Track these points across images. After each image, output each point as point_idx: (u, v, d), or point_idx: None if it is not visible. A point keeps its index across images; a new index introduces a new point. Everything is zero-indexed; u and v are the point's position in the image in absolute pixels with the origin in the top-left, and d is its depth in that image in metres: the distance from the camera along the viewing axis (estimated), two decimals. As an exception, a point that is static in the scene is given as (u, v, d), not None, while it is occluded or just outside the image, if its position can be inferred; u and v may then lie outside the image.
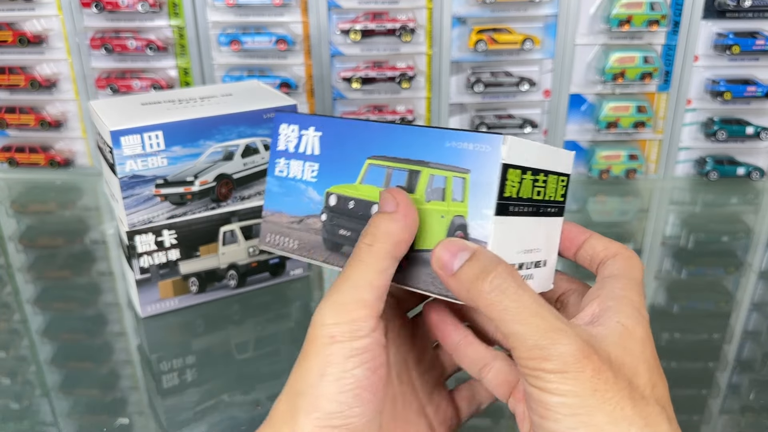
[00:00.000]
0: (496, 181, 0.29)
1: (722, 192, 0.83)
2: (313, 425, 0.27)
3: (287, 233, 0.37)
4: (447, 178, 0.31)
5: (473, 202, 0.30)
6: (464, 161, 0.30)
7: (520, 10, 0.80)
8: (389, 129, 0.34)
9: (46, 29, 0.83)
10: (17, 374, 0.51)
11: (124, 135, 0.50)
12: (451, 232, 0.30)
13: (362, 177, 0.34)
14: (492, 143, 0.29)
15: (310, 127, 0.37)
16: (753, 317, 0.58)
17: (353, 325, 0.28)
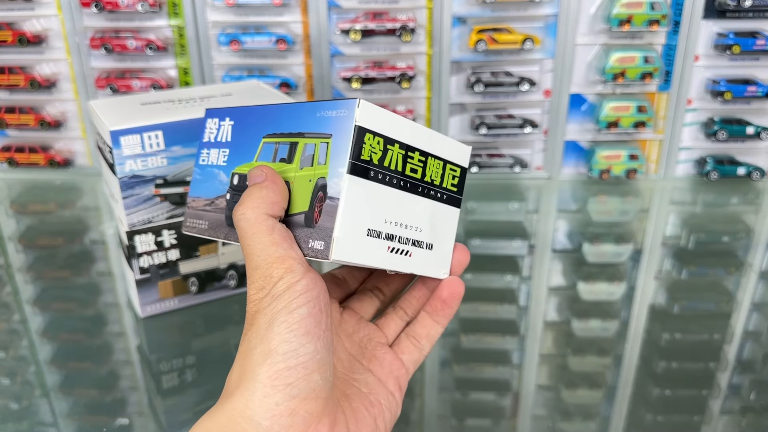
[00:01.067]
0: (349, 141, 0.31)
1: (723, 192, 0.83)
2: (269, 371, 0.28)
3: (201, 215, 0.40)
4: (315, 144, 0.33)
5: (333, 164, 0.32)
6: (329, 128, 0.33)
7: (520, 10, 0.80)
8: (279, 108, 0.37)
9: (46, 29, 0.83)
10: (17, 374, 0.51)
11: (124, 135, 0.50)
12: (315, 193, 0.32)
13: (257, 155, 0.37)
14: (349, 107, 0.32)
15: (226, 118, 0.40)
16: (753, 317, 0.58)
17: (286, 277, 0.30)
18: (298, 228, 0.33)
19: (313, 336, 0.29)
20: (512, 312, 0.60)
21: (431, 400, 0.50)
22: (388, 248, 0.33)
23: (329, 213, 0.31)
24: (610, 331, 0.57)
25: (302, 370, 0.28)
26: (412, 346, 0.38)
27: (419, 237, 0.35)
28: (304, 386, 0.28)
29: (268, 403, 0.28)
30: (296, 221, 0.33)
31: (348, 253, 0.31)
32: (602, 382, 0.50)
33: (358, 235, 0.32)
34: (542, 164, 0.87)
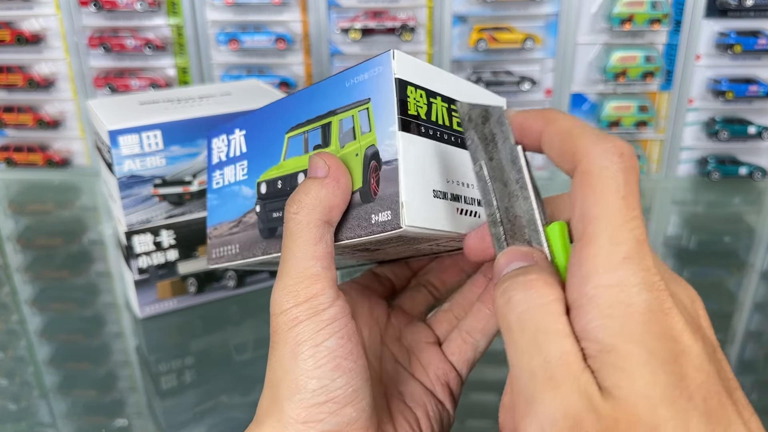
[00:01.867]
0: (393, 96, 0.28)
1: (724, 192, 0.83)
2: (298, 408, 0.26)
3: (228, 241, 0.36)
4: (353, 116, 0.30)
5: (379, 127, 0.28)
6: (364, 92, 0.29)
7: (521, 9, 0.80)
8: (297, 97, 0.33)
9: (44, 28, 0.83)
10: (15, 375, 0.51)
11: (122, 134, 0.49)
12: (367, 165, 0.29)
13: (284, 153, 0.33)
14: (383, 62, 0.28)
15: (235, 130, 0.36)
16: (755, 318, 0.58)
17: (313, 301, 0.27)
18: (354, 208, 0.29)
19: (343, 369, 0.27)
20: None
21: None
22: (457, 210, 0.29)
23: (389, 178, 0.28)
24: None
25: (333, 405, 0.27)
26: (465, 344, 0.34)
27: (477, 195, 0.31)
28: (336, 421, 0.27)
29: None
30: (351, 202, 0.29)
31: (419, 218, 0.28)
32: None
33: (426, 198, 0.28)
34: (543, 164, 0.87)
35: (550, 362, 0.21)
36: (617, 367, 0.20)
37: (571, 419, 0.20)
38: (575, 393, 0.20)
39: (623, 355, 0.20)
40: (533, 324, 0.21)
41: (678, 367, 0.20)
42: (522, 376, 0.21)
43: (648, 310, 0.21)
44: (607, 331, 0.21)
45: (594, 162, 0.23)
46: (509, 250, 0.25)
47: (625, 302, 0.21)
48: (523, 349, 0.21)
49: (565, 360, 0.21)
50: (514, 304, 0.22)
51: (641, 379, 0.20)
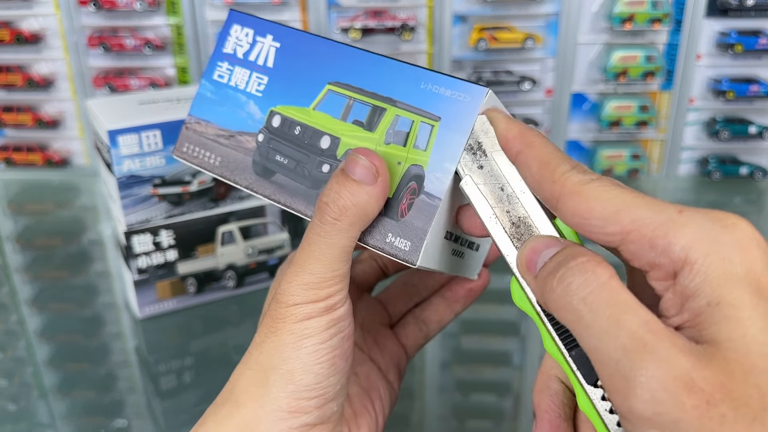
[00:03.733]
0: (467, 133, 0.26)
1: (725, 192, 0.83)
2: (289, 399, 0.27)
3: (211, 147, 0.32)
4: (414, 122, 0.28)
5: (437, 153, 0.27)
6: (437, 108, 0.27)
7: (521, 9, 0.79)
8: (360, 55, 0.30)
9: (43, 28, 0.83)
10: (14, 375, 0.51)
11: (122, 134, 0.49)
12: (405, 182, 0.27)
13: (317, 102, 0.30)
14: (473, 93, 0.27)
15: (268, 35, 0.32)
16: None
17: (329, 300, 0.27)
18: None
19: (337, 368, 0.28)
20: (513, 313, 0.59)
21: (431, 402, 0.49)
22: (452, 251, 0.29)
23: (422, 211, 0.27)
24: (612, 332, 0.56)
25: (321, 400, 0.28)
26: (419, 331, 0.36)
27: (472, 238, 0.31)
28: (319, 414, 0.28)
29: (281, 426, 0.27)
30: None
31: (430, 259, 0.27)
32: (605, 384, 0.50)
33: (439, 239, 0.28)
34: (543, 164, 0.87)
35: (637, 332, 0.20)
36: (727, 318, 0.20)
37: (681, 380, 0.19)
38: (677, 353, 0.19)
39: (732, 304, 0.20)
40: (603, 303, 0.21)
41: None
42: (610, 356, 0.20)
43: (749, 266, 0.20)
44: (712, 285, 0.20)
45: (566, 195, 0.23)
46: (533, 240, 0.24)
47: (716, 251, 0.20)
48: (602, 330, 0.20)
49: (651, 327, 0.20)
50: (575, 289, 0.21)
51: (754, 326, 0.19)
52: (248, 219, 0.57)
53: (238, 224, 0.57)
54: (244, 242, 0.57)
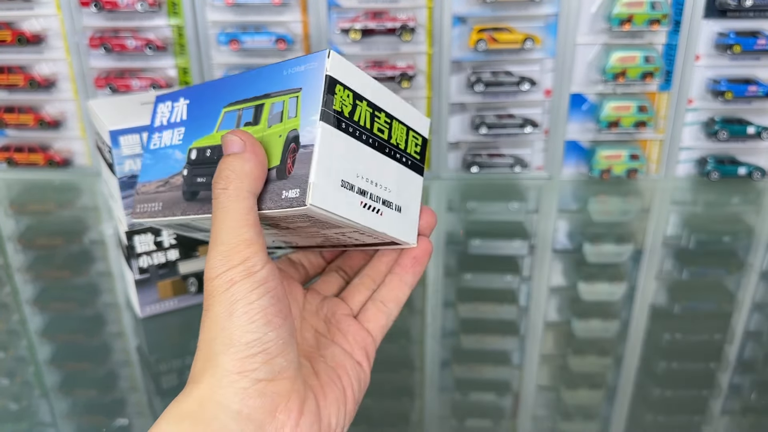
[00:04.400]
0: (321, 88, 0.31)
1: (723, 192, 0.83)
2: (233, 360, 0.29)
3: (153, 198, 0.38)
4: (284, 101, 0.33)
5: (304, 114, 0.32)
6: (298, 82, 0.32)
7: (520, 9, 0.80)
8: (241, 77, 0.36)
9: (45, 28, 0.83)
10: (16, 375, 0.51)
11: (123, 134, 0.49)
12: (287, 146, 0.32)
13: (218, 125, 0.36)
14: (319, 59, 0.32)
15: (180, 98, 0.39)
16: (754, 318, 0.58)
17: (247, 263, 0.29)
18: (269, 184, 0.32)
19: (274, 325, 0.29)
20: (512, 312, 0.59)
21: (431, 401, 0.50)
22: (360, 203, 0.33)
23: (303, 161, 0.31)
24: (610, 332, 0.57)
25: (265, 355, 0.29)
26: (379, 312, 0.38)
27: (388, 197, 0.35)
28: (268, 369, 0.29)
29: (236, 387, 0.28)
30: (267, 178, 0.32)
31: (324, 200, 0.31)
32: (603, 383, 0.50)
33: (333, 185, 0.31)
34: (543, 164, 0.87)
35: None
36: None
37: None
38: None
39: None
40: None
41: None
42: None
43: None
44: None
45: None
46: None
47: None
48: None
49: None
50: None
51: None
52: (249, 219, 0.57)
53: (239, 224, 0.57)
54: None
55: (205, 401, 0.28)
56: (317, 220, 0.32)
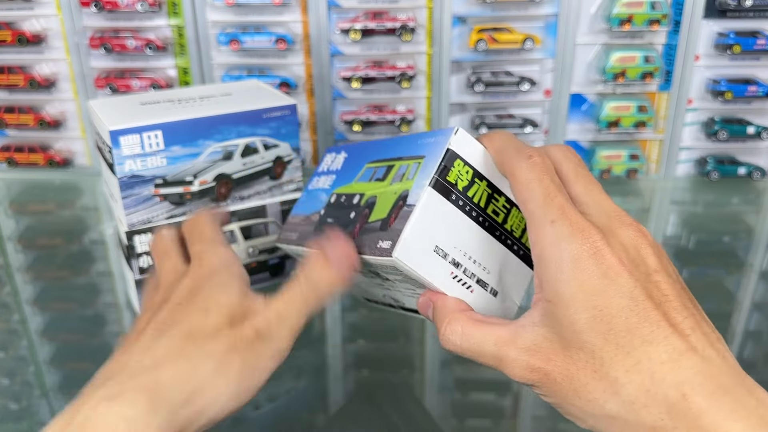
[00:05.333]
0: (438, 159, 0.34)
1: (723, 192, 0.83)
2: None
3: (294, 228, 0.44)
4: (408, 165, 0.36)
5: (419, 178, 0.34)
6: (425, 151, 0.35)
7: (520, 10, 0.80)
8: (389, 141, 0.40)
9: (45, 29, 0.83)
10: (16, 375, 0.51)
11: (123, 135, 0.49)
12: (396, 203, 0.35)
13: (358, 177, 0.40)
14: (445, 134, 0.35)
15: (342, 152, 0.45)
16: (754, 317, 0.58)
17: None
18: (371, 233, 0.35)
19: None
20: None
21: (431, 401, 0.50)
22: (450, 273, 0.34)
23: (403, 217, 0.33)
24: (610, 332, 0.56)
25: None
26: None
27: (485, 278, 0.35)
28: None
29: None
30: (372, 227, 0.35)
31: (409, 257, 0.32)
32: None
33: (425, 247, 0.33)
34: (542, 164, 0.87)
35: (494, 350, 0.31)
36: (551, 312, 0.29)
37: (530, 353, 0.29)
38: (520, 350, 0.30)
39: (555, 302, 0.28)
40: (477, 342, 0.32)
41: (601, 300, 0.27)
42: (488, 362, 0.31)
43: (575, 258, 0.28)
44: (548, 286, 0.29)
45: (514, 167, 0.32)
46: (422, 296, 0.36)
47: (557, 255, 0.28)
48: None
49: (500, 341, 0.31)
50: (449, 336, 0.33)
51: (565, 318, 0.28)
52: (249, 219, 0.57)
53: (240, 224, 0.57)
54: (245, 242, 0.57)
55: None
56: (408, 277, 0.34)
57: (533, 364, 0.29)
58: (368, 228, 0.35)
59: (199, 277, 0.36)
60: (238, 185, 0.56)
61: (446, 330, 0.32)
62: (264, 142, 0.55)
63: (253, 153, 0.55)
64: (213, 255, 0.37)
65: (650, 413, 0.25)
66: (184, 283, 0.36)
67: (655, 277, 0.28)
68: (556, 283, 0.28)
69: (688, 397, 0.25)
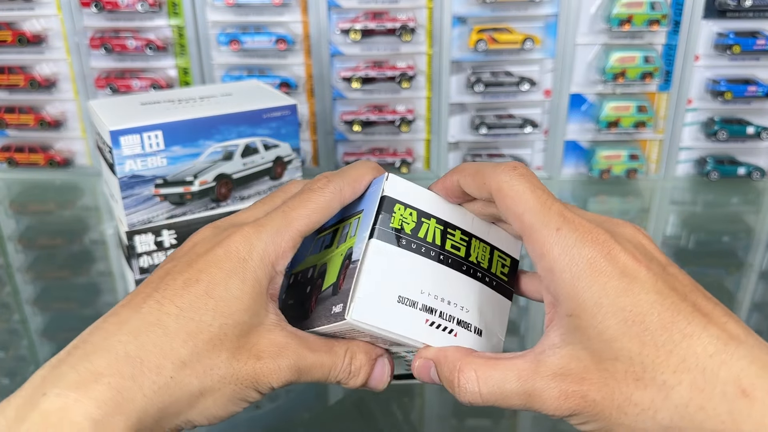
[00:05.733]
0: (374, 209, 0.32)
1: (723, 192, 0.83)
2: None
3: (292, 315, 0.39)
4: (350, 223, 0.33)
5: (359, 232, 0.32)
6: (363, 205, 0.33)
7: (520, 10, 0.80)
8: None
9: (46, 29, 0.83)
10: (16, 374, 0.51)
11: (124, 135, 0.50)
12: (344, 264, 0.32)
13: (310, 251, 0.37)
14: (379, 182, 0.33)
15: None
16: (754, 317, 0.58)
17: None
18: (325, 301, 0.31)
19: None
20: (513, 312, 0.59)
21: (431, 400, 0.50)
22: (426, 320, 0.31)
23: (350, 275, 0.30)
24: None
25: None
26: None
27: (466, 317, 0.32)
28: None
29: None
30: (325, 295, 0.32)
31: (370, 315, 0.29)
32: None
33: (386, 300, 0.30)
34: (542, 164, 0.87)
35: (519, 388, 0.28)
36: (576, 327, 0.26)
37: (556, 377, 0.27)
38: (545, 379, 0.27)
39: (578, 315, 0.26)
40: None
41: (628, 300, 0.25)
42: (513, 404, 0.28)
43: (590, 262, 0.26)
44: (566, 300, 0.26)
45: (500, 181, 0.29)
46: (417, 362, 0.32)
47: (570, 263, 0.26)
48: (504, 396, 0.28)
49: (524, 376, 0.27)
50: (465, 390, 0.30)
51: (592, 329, 0.25)
52: (249, 219, 0.57)
53: (239, 224, 0.57)
54: (245, 242, 0.58)
55: None
56: (384, 339, 0.31)
57: (566, 390, 0.26)
58: (322, 297, 0.32)
59: (220, 258, 0.29)
60: (239, 185, 0.56)
61: (460, 380, 0.28)
62: (264, 142, 0.55)
63: (254, 153, 0.55)
64: (251, 236, 0.30)
65: (708, 416, 0.23)
66: (205, 257, 0.29)
67: (670, 269, 0.27)
68: (575, 293, 0.26)
69: (748, 392, 0.22)
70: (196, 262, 0.29)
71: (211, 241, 0.30)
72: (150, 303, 0.27)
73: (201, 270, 0.28)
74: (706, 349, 0.23)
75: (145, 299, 0.27)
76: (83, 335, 0.27)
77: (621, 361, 0.24)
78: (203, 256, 0.29)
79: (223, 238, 0.30)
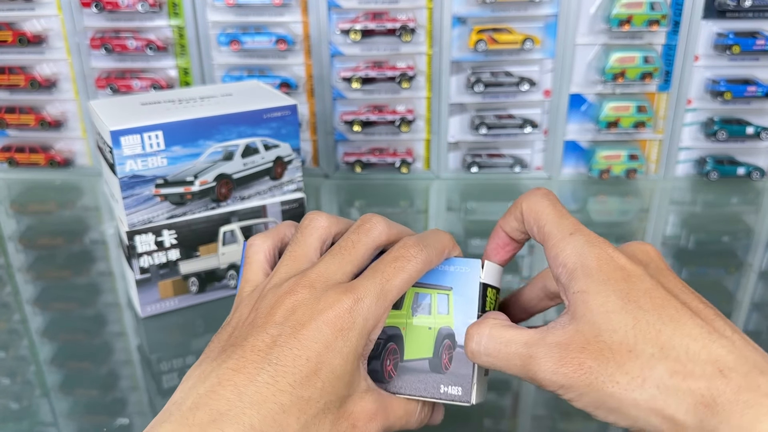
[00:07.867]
0: (477, 297, 0.35)
1: (723, 192, 0.83)
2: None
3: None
4: (431, 295, 0.36)
5: (458, 315, 0.35)
6: (446, 281, 0.36)
7: (520, 10, 0.80)
8: None
9: (46, 29, 0.83)
10: (17, 374, 0.51)
11: (124, 135, 0.50)
12: (440, 341, 0.35)
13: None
14: (471, 266, 0.36)
15: None
16: (753, 317, 0.58)
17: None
18: (422, 373, 0.35)
19: None
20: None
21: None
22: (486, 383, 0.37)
23: (461, 360, 0.35)
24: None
25: None
26: None
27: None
28: None
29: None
30: (418, 366, 0.35)
31: (480, 395, 0.35)
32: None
33: (482, 376, 0.36)
34: (542, 164, 0.87)
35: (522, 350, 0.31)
36: (582, 301, 0.30)
37: (559, 350, 0.30)
38: (549, 349, 0.30)
39: (585, 290, 0.30)
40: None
41: (626, 285, 0.29)
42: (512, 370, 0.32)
43: (597, 257, 0.31)
44: (576, 281, 0.31)
45: (528, 201, 0.35)
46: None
47: (581, 257, 0.31)
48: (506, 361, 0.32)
49: (529, 341, 0.31)
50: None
51: (596, 302, 0.29)
52: (250, 219, 0.57)
53: (240, 224, 0.57)
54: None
55: None
56: None
57: (566, 356, 0.29)
58: (408, 367, 0.35)
59: (313, 312, 0.31)
60: (239, 185, 0.56)
61: (474, 333, 0.32)
62: (264, 143, 0.55)
63: (254, 153, 0.56)
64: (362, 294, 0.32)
65: (690, 389, 0.26)
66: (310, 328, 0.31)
67: (666, 273, 0.31)
68: (585, 275, 0.30)
69: (725, 373, 0.26)
70: (302, 334, 0.31)
71: (312, 308, 0.32)
72: (264, 377, 0.29)
73: (308, 347, 0.30)
74: (690, 332, 0.27)
75: (258, 370, 0.29)
76: (197, 390, 0.29)
77: (617, 333, 0.28)
78: (307, 327, 0.31)
79: (324, 307, 0.31)
